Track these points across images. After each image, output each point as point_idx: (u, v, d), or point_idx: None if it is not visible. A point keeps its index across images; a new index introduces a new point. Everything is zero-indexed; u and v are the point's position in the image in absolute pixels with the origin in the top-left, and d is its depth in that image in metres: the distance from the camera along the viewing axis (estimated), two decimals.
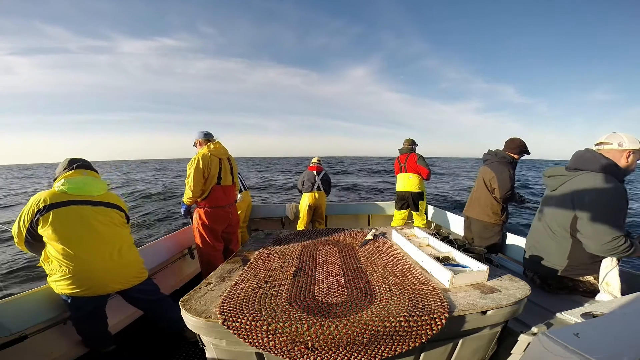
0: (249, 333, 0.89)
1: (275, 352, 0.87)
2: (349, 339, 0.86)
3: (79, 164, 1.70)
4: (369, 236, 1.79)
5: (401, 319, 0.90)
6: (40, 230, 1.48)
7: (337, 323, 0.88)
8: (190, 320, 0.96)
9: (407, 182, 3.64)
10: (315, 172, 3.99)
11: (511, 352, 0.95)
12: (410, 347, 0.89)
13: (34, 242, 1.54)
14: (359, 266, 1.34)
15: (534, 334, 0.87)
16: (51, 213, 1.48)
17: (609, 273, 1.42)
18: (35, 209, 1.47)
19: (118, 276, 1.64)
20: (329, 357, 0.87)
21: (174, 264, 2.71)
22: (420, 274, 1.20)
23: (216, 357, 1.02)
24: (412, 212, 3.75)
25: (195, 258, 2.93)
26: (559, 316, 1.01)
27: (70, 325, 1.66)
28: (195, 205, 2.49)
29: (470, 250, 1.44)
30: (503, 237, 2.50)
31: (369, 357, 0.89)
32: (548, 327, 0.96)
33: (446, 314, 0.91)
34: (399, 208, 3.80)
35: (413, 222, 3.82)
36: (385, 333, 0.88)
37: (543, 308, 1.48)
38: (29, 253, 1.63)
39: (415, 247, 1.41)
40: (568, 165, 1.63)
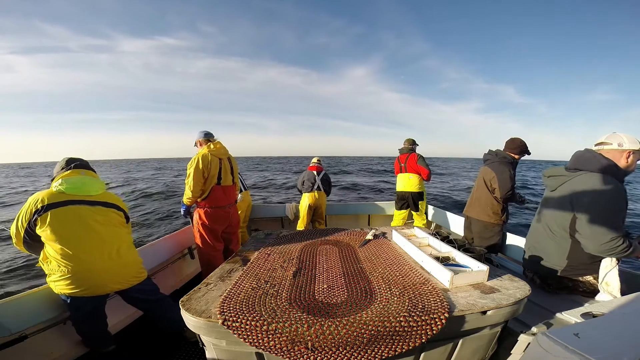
0: (249, 333, 0.89)
1: (275, 352, 0.87)
2: (349, 339, 0.86)
3: (76, 164, 1.69)
4: (369, 236, 1.79)
5: (401, 319, 0.90)
6: (39, 231, 1.48)
7: (337, 323, 0.88)
8: (190, 320, 0.96)
9: (407, 182, 3.64)
10: (315, 172, 3.98)
11: (511, 352, 0.95)
12: (410, 347, 0.89)
13: (32, 242, 1.53)
14: (359, 266, 1.34)
15: (534, 334, 0.87)
16: (49, 213, 1.47)
17: (609, 273, 1.42)
18: (33, 209, 1.47)
19: (117, 276, 1.63)
20: (329, 357, 0.87)
21: (174, 264, 2.70)
22: (420, 274, 1.20)
23: (216, 357, 1.02)
24: (412, 212, 3.75)
25: (195, 258, 2.93)
26: (559, 316, 1.01)
27: (70, 325, 1.66)
28: (195, 206, 2.49)
29: (470, 250, 1.44)
30: (503, 237, 2.50)
31: (369, 357, 0.89)
32: (548, 327, 0.96)
33: (446, 314, 0.91)
34: (399, 208, 3.81)
35: (413, 222, 3.82)
36: (385, 333, 0.88)
37: (543, 308, 1.48)
38: (28, 253, 1.62)
39: (415, 247, 1.42)
40: (568, 166, 1.63)
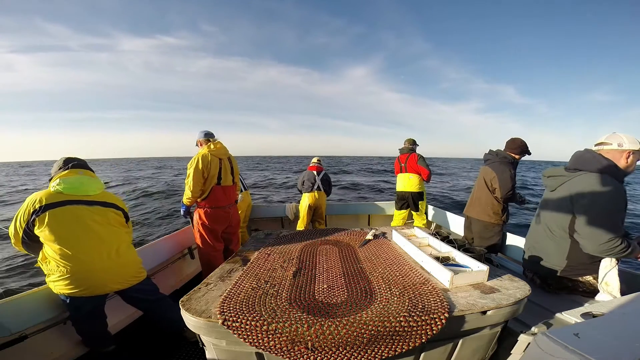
0: (249, 333, 0.89)
1: (275, 352, 0.87)
2: (349, 339, 0.86)
3: (74, 163, 1.68)
4: (369, 236, 1.79)
5: (401, 319, 0.90)
6: (37, 231, 1.48)
7: (337, 323, 0.88)
8: (190, 320, 0.96)
9: (407, 182, 3.64)
10: (315, 172, 3.98)
11: (511, 352, 0.95)
12: (410, 347, 0.89)
13: (30, 242, 1.53)
14: (359, 266, 1.34)
15: (534, 334, 0.87)
16: (47, 214, 1.47)
17: (608, 273, 1.42)
18: (31, 210, 1.46)
19: (116, 276, 1.63)
20: (329, 357, 0.87)
21: (174, 264, 2.70)
22: (420, 274, 1.20)
23: (216, 357, 1.02)
24: (412, 212, 3.75)
25: (195, 258, 2.93)
26: (559, 316, 1.01)
27: (70, 325, 1.66)
28: (195, 206, 2.49)
29: (470, 250, 1.44)
30: (503, 237, 2.50)
31: (369, 357, 0.89)
32: (548, 327, 0.96)
33: (446, 314, 0.91)
34: (399, 208, 3.81)
35: (413, 222, 3.82)
36: (385, 333, 0.88)
37: (543, 308, 1.48)
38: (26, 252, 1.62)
39: (415, 247, 1.42)
40: (567, 166, 1.63)
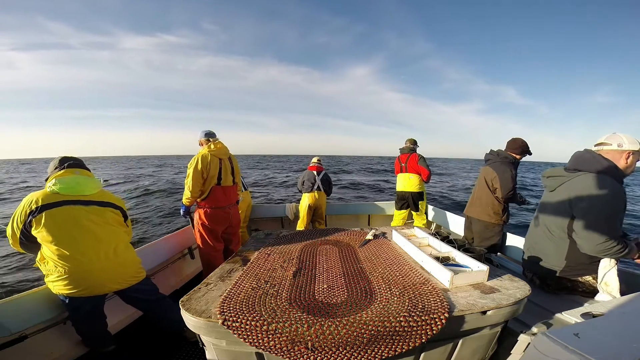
0: (249, 333, 0.89)
1: (275, 352, 0.87)
2: (349, 339, 0.86)
3: (70, 163, 1.66)
4: (369, 236, 1.79)
5: (401, 319, 0.90)
6: (34, 232, 1.47)
7: (337, 323, 0.88)
8: (190, 320, 0.96)
9: (407, 182, 3.65)
10: (315, 172, 3.98)
11: (511, 352, 0.95)
12: (410, 347, 0.89)
13: (28, 243, 1.52)
14: (359, 266, 1.34)
15: (534, 334, 0.87)
16: (44, 214, 1.46)
17: (608, 273, 1.42)
18: (28, 211, 1.46)
19: (115, 275, 1.63)
20: (329, 357, 0.87)
21: (174, 264, 2.70)
22: (420, 274, 1.20)
23: (216, 357, 1.02)
24: (412, 212, 3.75)
25: (195, 258, 2.93)
26: (559, 316, 1.02)
27: (70, 325, 1.66)
28: (195, 206, 2.48)
29: (470, 250, 1.44)
30: (503, 237, 2.50)
31: (369, 357, 0.89)
32: (548, 327, 0.96)
33: (446, 314, 0.91)
34: (399, 208, 3.81)
35: (413, 222, 3.83)
36: (385, 333, 0.88)
37: (543, 308, 1.48)
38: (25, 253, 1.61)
39: (415, 247, 1.42)
40: (567, 166, 1.62)
